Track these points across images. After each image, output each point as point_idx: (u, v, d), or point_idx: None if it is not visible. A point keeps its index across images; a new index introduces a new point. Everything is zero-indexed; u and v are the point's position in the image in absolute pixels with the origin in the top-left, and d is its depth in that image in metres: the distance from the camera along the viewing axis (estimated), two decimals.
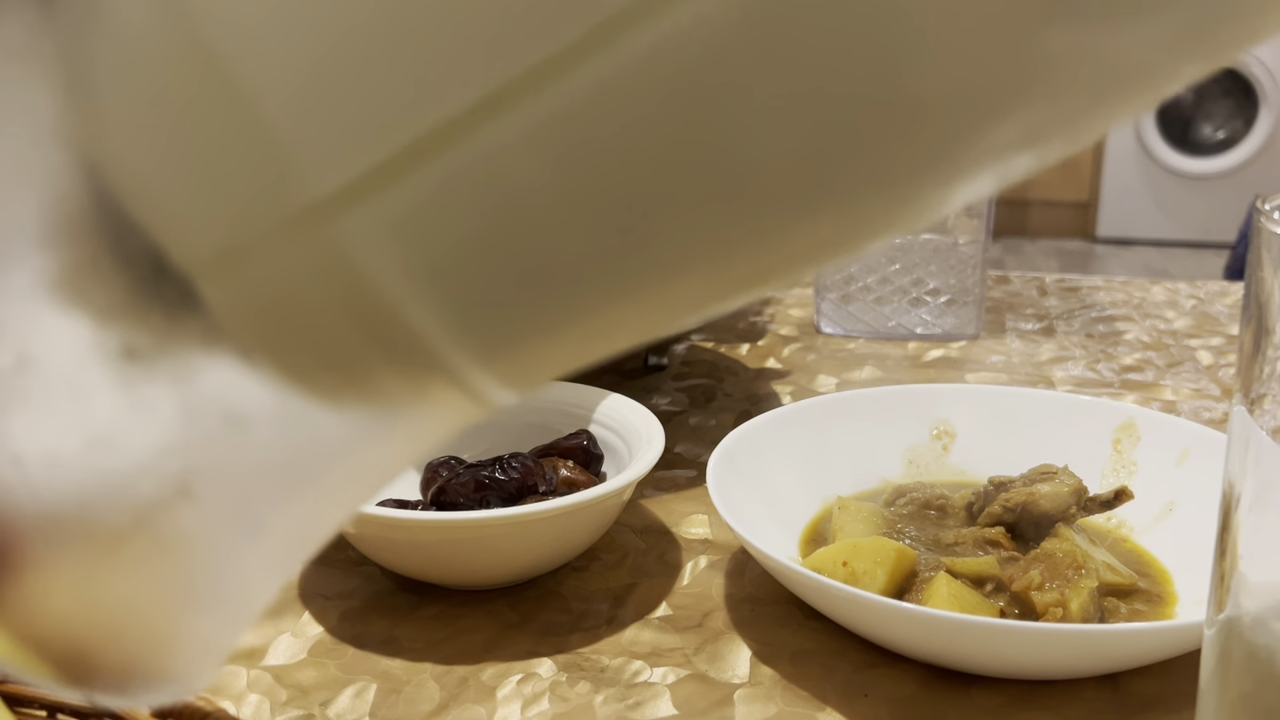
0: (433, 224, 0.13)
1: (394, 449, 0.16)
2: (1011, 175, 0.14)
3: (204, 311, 0.14)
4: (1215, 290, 0.99)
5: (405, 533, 0.43)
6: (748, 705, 0.39)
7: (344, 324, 0.13)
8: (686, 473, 0.59)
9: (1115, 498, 0.48)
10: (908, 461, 0.56)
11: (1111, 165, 3.87)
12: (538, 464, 0.48)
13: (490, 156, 0.12)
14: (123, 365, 0.14)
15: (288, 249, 0.13)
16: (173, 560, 0.15)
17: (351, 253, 0.13)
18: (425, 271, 0.13)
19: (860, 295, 0.83)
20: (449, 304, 0.13)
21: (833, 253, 0.14)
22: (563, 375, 0.15)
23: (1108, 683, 0.40)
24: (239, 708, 0.39)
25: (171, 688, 0.16)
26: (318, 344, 0.14)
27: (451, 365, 0.14)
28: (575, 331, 0.14)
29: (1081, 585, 0.41)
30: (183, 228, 0.13)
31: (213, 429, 0.15)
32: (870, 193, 0.13)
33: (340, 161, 0.12)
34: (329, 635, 0.44)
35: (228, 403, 0.14)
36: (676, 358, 0.79)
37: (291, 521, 0.16)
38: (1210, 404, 0.71)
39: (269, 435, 0.15)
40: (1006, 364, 0.78)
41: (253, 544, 0.16)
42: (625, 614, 0.45)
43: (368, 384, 0.14)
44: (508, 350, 0.14)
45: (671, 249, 0.13)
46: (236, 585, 0.16)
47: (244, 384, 0.14)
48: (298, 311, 0.13)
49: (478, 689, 0.40)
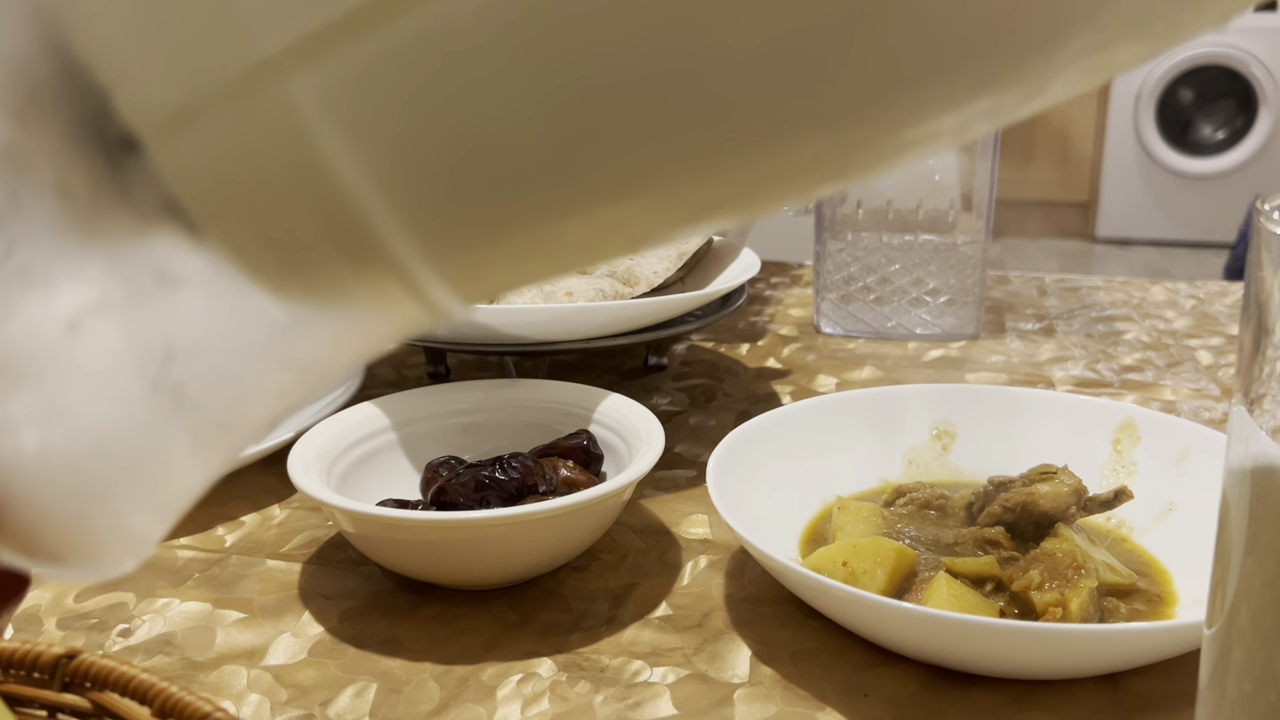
0: (385, 94, 0.12)
1: (334, 344, 0.15)
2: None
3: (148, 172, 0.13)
4: (1215, 290, 0.99)
5: (405, 533, 0.43)
6: (748, 705, 0.39)
7: (290, 198, 0.13)
8: (686, 473, 0.59)
9: (1115, 498, 0.48)
10: (908, 461, 0.56)
11: (1111, 165, 3.87)
12: (538, 464, 0.48)
13: (445, 25, 0.12)
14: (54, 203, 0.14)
15: (237, 109, 0.12)
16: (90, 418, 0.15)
17: (301, 117, 0.12)
18: (374, 145, 0.12)
19: (860, 295, 0.83)
20: (396, 183, 0.13)
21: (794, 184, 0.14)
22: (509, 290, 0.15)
23: (1107, 683, 0.40)
24: (239, 707, 0.39)
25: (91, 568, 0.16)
26: (263, 219, 0.13)
27: (396, 255, 0.13)
28: (524, 238, 0.14)
29: (1081, 585, 0.41)
30: (134, 83, 0.13)
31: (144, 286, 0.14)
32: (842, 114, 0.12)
33: (293, 17, 0.12)
34: (329, 635, 0.44)
35: (162, 261, 0.14)
36: (676, 358, 0.79)
37: (219, 402, 0.15)
38: (1210, 404, 0.71)
39: (201, 303, 0.14)
40: (1006, 364, 0.78)
41: (177, 418, 0.15)
42: (625, 614, 0.45)
43: (309, 265, 0.14)
44: (453, 246, 0.14)
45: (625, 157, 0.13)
46: (160, 463, 0.15)
47: (181, 247, 0.14)
48: (245, 180, 0.13)
49: (478, 689, 0.40)
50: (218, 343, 0.15)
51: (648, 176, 0.13)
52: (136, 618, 0.45)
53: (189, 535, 0.52)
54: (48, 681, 0.29)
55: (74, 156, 0.14)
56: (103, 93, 0.13)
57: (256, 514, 0.54)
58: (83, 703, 0.29)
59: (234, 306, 0.14)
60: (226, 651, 0.43)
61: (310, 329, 0.15)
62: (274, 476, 0.56)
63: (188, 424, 0.15)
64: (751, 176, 0.13)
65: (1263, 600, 0.24)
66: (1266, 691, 0.24)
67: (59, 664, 0.29)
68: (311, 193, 0.13)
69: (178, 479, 0.16)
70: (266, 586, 0.48)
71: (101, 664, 0.29)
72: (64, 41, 0.13)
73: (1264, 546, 0.24)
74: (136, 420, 0.15)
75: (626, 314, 0.58)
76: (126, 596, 0.47)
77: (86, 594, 0.47)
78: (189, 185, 0.13)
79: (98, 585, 0.47)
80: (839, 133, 0.13)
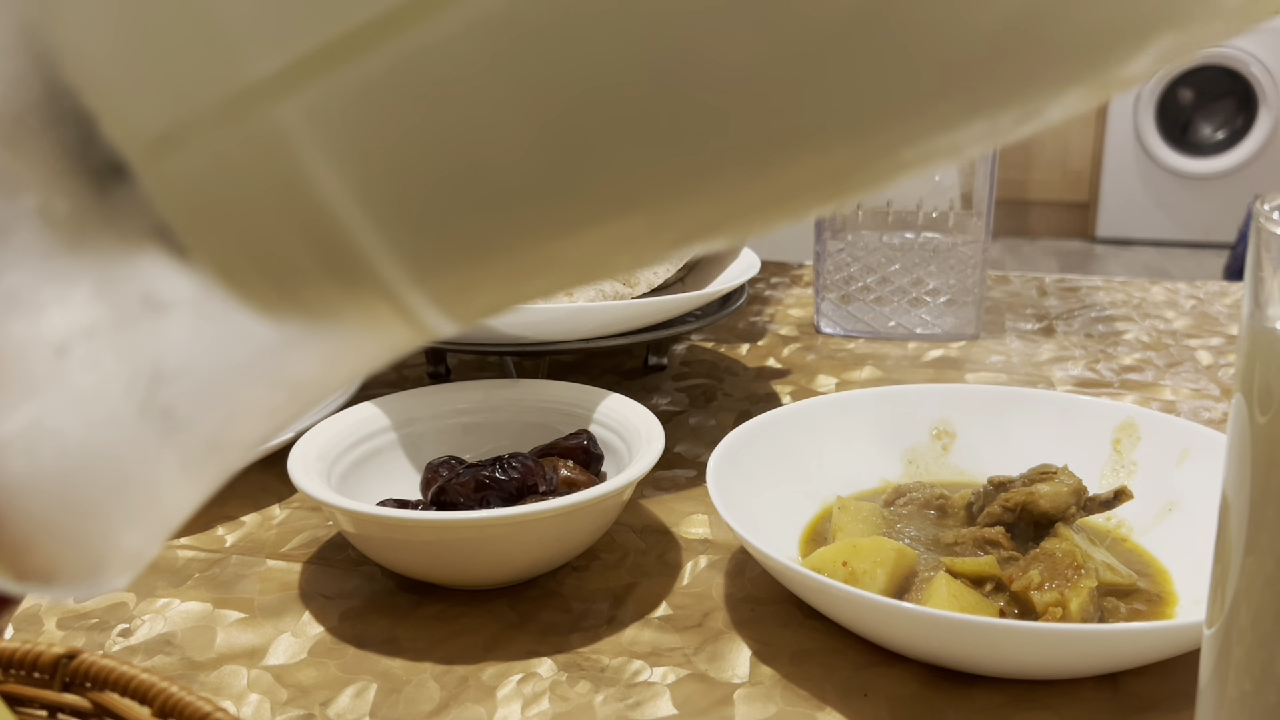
0: (373, 117, 0.12)
1: (322, 364, 0.15)
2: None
3: (135, 195, 0.13)
4: (1215, 290, 0.99)
5: (405, 533, 0.43)
6: (748, 705, 0.39)
7: (279, 221, 0.13)
8: (686, 473, 0.59)
9: (1115, 498, 0.48)
10: (908, 461, 0.56)
11: (1111, 165, 3.87)
12: (538, 464, 0.48)
13: (434, 50, 0.12)
14: (40, 230, 0.14)
15: (226, 132, 0.12)
16: (80, 440, 0.15)
17: (289, 140, 0.12)
18: (363, 167, 0.12)
19: (860, 295, 0.83)
20: (384, 205, 0.13)
21: (777, 210, 0.14)
22: (499, 313, 0.15)
23: (1107, 683, 0.40)
24: (239, 707, 0.39)
25: (82, 587, 0.16)
26: (251, 241, 0.13)
27: (383, 275, 0.13)
28: (511, 258, 0.14)
29: (1081, 585, 0.41)
30: (123, 106, 0.13)
31: (131, 310, 0.14)
32: (840, 136, 0.12)
33: (282, 41, 0.12)
34: (329, 635, 0.44)
35: (148, 285, 0.14)
36: (676, 358, 0.79)
37: (208, 423, 0.15)
38: (1210, 404, 0.71)
39: (189, 325, 0.14)
40: (1006, 364, 0.78)
41: (164, 434, 0.15)
42: (625, 614, 0.45)
43: (300, 290, 0.14)
44: (442, 266, 0.13)
45: (616, 175, 0.12)
46: (150, 483, 0.15)
47: (168, 271, 0.14)
48: (233, 203, 0.13)
49: (478, 689, 0.40)
50: (206, 364, 0.15)
51: (640, 196, 0.13)
52: (137, 618, 0.45)
53: (189, 535, 0.52)
54: (48, 681, 0.29)
55: (60, 180, 0.14)
56: (89, 117, 0.13)
57: (257, 514, 0.54)
58: (83, 703, 0.29)
59: (222, 328, 0.14)
60: (227, 651, 0.43)
61: (300, 349, 0.15)
62: (274, 476, 0.56)
63: (177, 445, 0.15)
64: (746, 197, 0.13)
65: (1263, 600, 0.24)
66: (1266, 691, 0.24)
67: (59, 664, 0.29)
68: (299, 214, 0.13)
69: (169, 498, 0.16)
70: (267, 586, 0.48)
71: (101, 664, 0.29)
72: (52, 65, 0.13)
73: (1264, 546, 0.24)
74: (126, 441, 0.15)
75: (626, 314, 0.58)
76: (127, 596, 0.47)
77: None
78: (176, 208, 0.13)
79: None
80: (832, 152, 0.13)
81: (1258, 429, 0.23)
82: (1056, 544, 0.45)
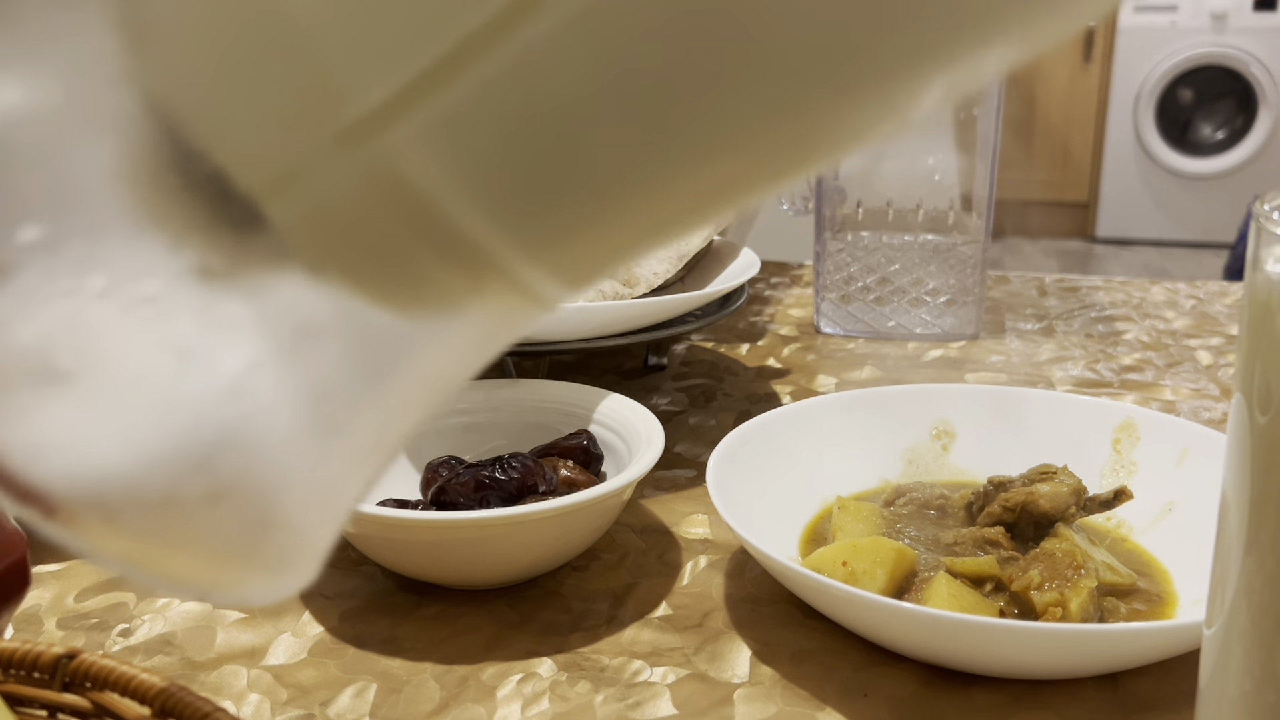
0: (474, 129, 0.13)
1: (460, 349, 0.17)
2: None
3: (271, 231, 0.14)
4: (1215, 290, 0.99)
5: (405, 533, 0.43)
6: (748, 705, 0.39)
7: (400, 232, 0.14)
8: (686, 473, 0.59)
9: (1115, 498, 0.48)
10: (907, 461, 0.56)
11: (1111, 165, 3.87)
12: (538, 464, 0.48)
13: (523, 58, 0.13)
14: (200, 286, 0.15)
15: (340, 166, 0.13)
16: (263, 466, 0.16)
17: (399, 164, 0.13)
18: (471, 175, 0.14)
19: (860, 295, 0.83)
20: (496, 204, 0.14)
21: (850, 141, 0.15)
22: (612, 270, 0.16)
23: (1107, 683, 0.40)
24: (239, 707, 0.39)
25: (276, 586, 0.17)
26: (378, 253, 0.14)
27: (504, 263, 0.14)
28: (618, 223, 0.15)
29: (1081, 585, 0.41)
30: (242, 153, 0.14)
31: (288, 341, 0.15)
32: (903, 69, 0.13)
33: (380, 77, 0.13)
34: (329, 635, 0.44)
35: (299, 315, 0.15)
36: (676, 358, 0.79)
37: (369, 423, 0.17)
38: (1210, 404, 0.71)
39: (340, 343, 0.16)
40: (1006, 364, 0.78)
41: (334, 445, 0.16)
42: (625, 614, 0.45)
43: (428, 288, 0.15)
44: (556, 244, 0.15)
45: (702, 133, 0.14)
46: (324, 484, 0.17)
47: (313, 297, 0.15)
48: (356, 224, 0.14)
49: (478, 689, 0.40)
50: (360, 373, 0.16)
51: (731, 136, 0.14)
52: (136, 618, 0.45)
53: None
54: (48, 681, 0.29)
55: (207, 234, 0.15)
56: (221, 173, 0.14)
57: None
58: (83, 703, 0.29)
59: (366, 337, 0.16)
60: (226, 651, 0.43)
61: (437, 341, 0.16)
62: None
63: (346, 449, 0.17)
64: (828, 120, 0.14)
65: (1263, 600, 0.24)
66: (1266, 691, 0.24)
67: (59, 664, 0.29)
68: (417, 224, 0.14)
69: (344, 496, 0.17)
70: None
71: (102, 664, 0.29)
72: (178, 127, 0.14)
73: (1264, 546, 0.24)
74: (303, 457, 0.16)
75: (626, 314, 0.58)
76: (126, 596, 0.47)
77: (86, 594, 0.47)
78: (305, 235, 0.15)
79: (97, 585, 0.47)
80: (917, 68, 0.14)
81: (1258, 429, 0.23)
82: (1056, 544, 0.45)
